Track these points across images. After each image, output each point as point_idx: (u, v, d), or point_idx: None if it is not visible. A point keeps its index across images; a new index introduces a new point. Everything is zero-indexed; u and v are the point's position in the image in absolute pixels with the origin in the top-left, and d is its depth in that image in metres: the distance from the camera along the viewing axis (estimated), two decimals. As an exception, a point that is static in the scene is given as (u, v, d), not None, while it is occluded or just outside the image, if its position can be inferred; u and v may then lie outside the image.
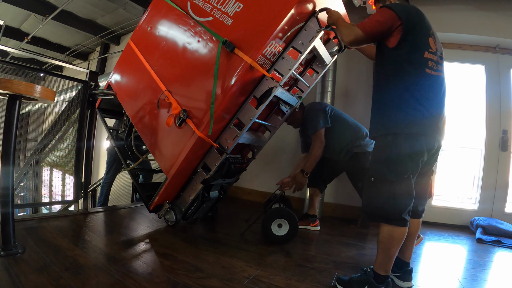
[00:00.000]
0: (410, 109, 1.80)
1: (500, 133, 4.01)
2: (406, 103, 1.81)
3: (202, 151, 2.57)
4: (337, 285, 1.93)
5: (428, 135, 1.82)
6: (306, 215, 3.33)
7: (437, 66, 1.87)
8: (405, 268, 2.01)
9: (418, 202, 1.96)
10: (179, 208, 2.78)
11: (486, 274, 2.41)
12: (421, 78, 1.82)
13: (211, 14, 2.45)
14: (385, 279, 1.83)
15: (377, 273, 1.84)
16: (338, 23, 2.09)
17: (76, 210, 3.10)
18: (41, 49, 8.62)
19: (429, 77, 1.83)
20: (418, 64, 1.82)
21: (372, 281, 1.83)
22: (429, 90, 1.84)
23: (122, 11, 6.63)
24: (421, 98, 1.81)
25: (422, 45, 1.84)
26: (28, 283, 1.58)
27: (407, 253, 2.03)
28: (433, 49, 1.87)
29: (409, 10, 1.88)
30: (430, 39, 1.87)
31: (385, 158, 1.86)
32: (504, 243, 3.17)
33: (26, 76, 7.88)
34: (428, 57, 1.83)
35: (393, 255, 1.82)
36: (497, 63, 4.11)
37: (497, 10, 3.90)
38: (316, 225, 3.29)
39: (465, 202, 4.19)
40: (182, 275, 1.89)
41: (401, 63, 1.83)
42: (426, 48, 1.84)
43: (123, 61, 3.16)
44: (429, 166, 1.99)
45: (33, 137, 6.49)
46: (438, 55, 1.90)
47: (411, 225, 1.91)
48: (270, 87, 2.33)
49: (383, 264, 1.83)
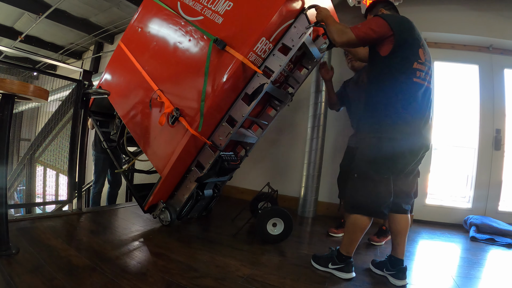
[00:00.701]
0: (396, 114, 1.96)
1: (494, 132, 4.04)
2: (393, 109, 1.97)
3: (196, 149, 2.57)
4: (311, 260, 2.26)
5: (411, 139, 1.97)
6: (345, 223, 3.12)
7: (425, 76, 2.00)
8: (399, 266, 2.06)
9: (401, 200, 2.13)
10: (174, 208, 2.77)
11: (480, 272, 2.43)
12: (409, 86, 1.96)
13: (201, 13, 2.48)
14: (346, 258, 2.10)
15: (340, 252, 2.12)
16: (328, 21, 2.13)
17: (70, 210, 3.08)
18: (35, 48, 8.55)
19: (417, 85, 1.97)
20: (407, 73, 1.96)
21: (335, 258, 2.12)
22: (415, 98, 1.98)
23: (116, 9, 6.60)
24: (407, 105, 1.96)
25: (412, 57, 1.97)
26: (21, 283, 1.56)
27: (399, 250, 2.11)
28: (422, 59, 2.00)
29: (402, 22, 2.01)
30: (420, 50, 2.00)
31: (369, 158, 2.03)
32: (498, 241, 3.20)
33: (20, 75, 7.84)
34: (417, 67, 1.96)
35: (356, 239, 2.08)
36: (490, 63, 4.14)
37: (491, 10, 3.92)
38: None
39: (459, 200, 4.21)
40: (177, 274, 1.89)
41: (392, 71, 1.98)
42: (416, 59, 1.97)
43: (114, 62, 3.17)
44: (414, 166, 2.13)
45: (27, 137, 6.44)
46: (427, 65, 2.03)
47: (400, 221, 2.12)
48: (261, 84, 2.35)
49: (346, 245, 2.11)
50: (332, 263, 2.12)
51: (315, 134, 3.96)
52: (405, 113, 1.95)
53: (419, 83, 1.97)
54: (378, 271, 2.19)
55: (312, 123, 3.99)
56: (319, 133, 3.96)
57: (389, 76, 1.99)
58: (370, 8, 2.41)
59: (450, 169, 4.27)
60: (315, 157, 3.94)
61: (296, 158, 4.42)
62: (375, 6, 2.37)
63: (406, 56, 1.96)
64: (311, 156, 3.96)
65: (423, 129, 2.00)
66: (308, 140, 4.01)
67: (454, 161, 4.25)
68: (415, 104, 1.98)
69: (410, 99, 1.97)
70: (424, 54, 2.03)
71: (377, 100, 2.06)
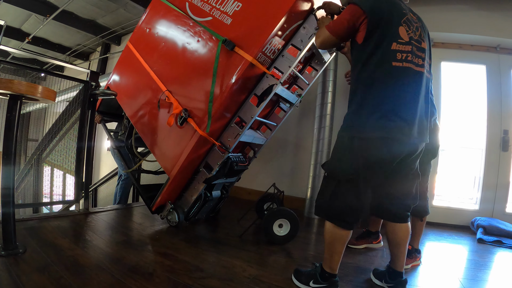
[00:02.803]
0: (371, 110, 1.69)
1: (501, 133, 4.01)
2: (368, 104, 1.70)
3: (204, 150, 2.57)
4: (292, 276, 1.96)
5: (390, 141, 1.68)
6: (368, 232, 2.82)
7: (412, 56, 1.70)
8: (398, 279, 1.89)
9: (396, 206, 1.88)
10: (182, 209, 2.78)
11: (487, 274, 2.40)
12: (388, 73, 1.68)
13: (210, 14, 2.48)
14: (330, 277, 1.82)
15: (323, 269, 1.84)
16: (319, 24, 2.04)
17: (77, 210, 3.11)
18: (42, 49, 8.62)
19: (398, 71, 1.68)
20: (383, 57, 1.68)
21: (318, 276, 1.84)
22: (397, 87, 1.68)
23: (123, 11, 6.64)
24: (386, 97, 1.68)
25: (389, 36, 1.68)
26: (29, 282, 1.58)
27: (398, 263, 1.90)
28: (405, 39, 1.70)
29: (375, 0, 1.73)
30: (401, 28, 1.70)
31: (339, 157, 1.81)
32: (505, 243, 3.17)
33: (27, 76, 7.89)
34: (396, 48, 1.67)
35: (336, 252, 1.80)
36: (498, 63, 4.11)
37: (498, 10, 3.89)
38: (378, 242, 2.81)
39: (466, 202, 4.18)
40: (183, 275, 1.89)
41: (366, 59, 1.71)
42: (394, 39, 1.68)
43: (122, 63, 3.18)
44: (407, 170, 1.84)
45: (34, 137, 6.50)
46: (415, 45, 1.74)
47: (397, 231, 1.87)
48: (270, 85, 2.35)
49: (327, 260, 1.83)
50: (314, 281, 1.84)
51: (322, 135, 3.95)
52: (383, 108, 1.66)
53: (401, 67, 1.67)
54: (377, 282, 2.01)
55: (319, 124, 3.98)
56: (326, 134, 3.95)
57: (365, 65, 1.71)
58: None
59: (457, 171, 4.24)
60: (322, 158, 3.93)
61: (303, 159, 4.41)
62: None
63: (382, 36, 1.67)
64: (317, 157, 3.95)
65: (413, 127, 1.69)
66: (315, 141, 4.00)
67: (462, 163, 4.22)
68: (398, 96, 1.68)
69: (389, 90, 1.67)
70: (409, 32, 1.72)
71: (354, 94, 1.78)
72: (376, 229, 2.80)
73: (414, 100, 1.71)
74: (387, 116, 1.66)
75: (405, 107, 1.68)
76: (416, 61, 1.72)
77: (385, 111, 1.66)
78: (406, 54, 1.69)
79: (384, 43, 1.67)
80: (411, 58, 1.70)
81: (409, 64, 1.69)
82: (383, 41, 1.67)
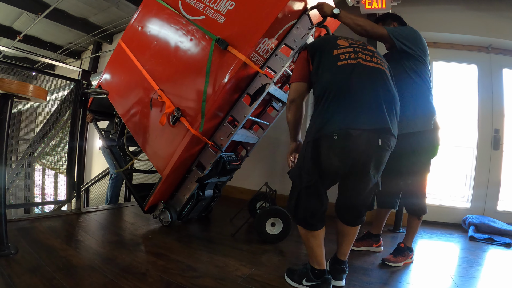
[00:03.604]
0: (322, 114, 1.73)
1: (492, 132, 4.05)
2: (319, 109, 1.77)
3: (197, 149, 2.57)
4: (285, 275, 1.97)
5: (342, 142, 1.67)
6: (369, 234, 2.74)
7: (356, 54, 1.79)
8: (336, 266, 1.96)
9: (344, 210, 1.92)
10: (174, 208, 2.77)
11: (479, 271, 2.43)
12: (336, 75, 1.75)
13: (203, 12, 2.47)
14: (321, 273, 1.83)
15: (311, 266, 1.86)
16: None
17: (69, 210, 3.08)
18: (33, 48, 8.54)
19: (345, 68, 1.74)
20: (329, 62, 1.81)
21: (310, 274, 1.85)
22: (347, 85, 1.71)
23: (115, 9, 6.59)
24: (335, 99, 1.71)
25: (329, 48, 1.86)
26: (21, 283, 1.56)
27: (340, 249, 1.97)
28: (345, 44, 1.86)
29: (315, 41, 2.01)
30: (339, 41, 1.90)
31: (298, 164, 1.88)
32: (496, 241, 3.20)
33: (18, 75, 7.82)
34: (338, 52, 1.81)
35: (315, 247, 1.84)
36: (489, 63, 4.14)
37: (490, 10, 3.93)
38: (379, 246, 2.72)
39: (458, 200, 4.21)
40: (176, 274, 1.89)
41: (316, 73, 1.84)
42: (334, 47, 1.85)
43: (114, 61, 3.16)
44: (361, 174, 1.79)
45: (25, 137, 6.43)
46: (356, 44, 1.87)
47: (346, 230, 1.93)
48: (263, 84, 2.35)
49: (311, 256, 1.87)
50: (306, 279, 1.86)
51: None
52: (332, 109, 1.69)
53: (346, 64, 1.74)
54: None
55: (311, 123, 3.98)
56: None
57: (316, 81, 1.84)
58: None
59: (449, 169, 4.27)
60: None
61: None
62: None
63: (322, 53, 1.85)
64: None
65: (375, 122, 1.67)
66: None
67: (453, 161, 4.25)
68: (349, 93, 1.70)
69: (339, 90, 1.70)
70: (347, 40, 1.90)
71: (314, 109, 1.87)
72: (378, 232, 2.72)
73: (370, 95, 1.71)
74: (340, 114, 1.68)
75: (362, 102, 1.69)
76: (363, 57, 1.79)
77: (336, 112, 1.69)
78: (349, 54, 1.79)
79: (326, 54, 1.84)
80: (355, 56, 1.79)
81: (356, 60, 1.77)
82: (325, 53, 1.85)
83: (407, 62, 2.32)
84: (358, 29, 2.25)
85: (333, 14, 2.25)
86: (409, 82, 2.31)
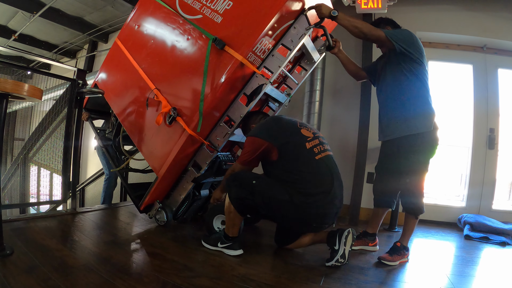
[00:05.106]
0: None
1: (487, 131, 4.08)
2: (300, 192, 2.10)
3: (193, 149, 2.56)
4: (202, 241, 2.38)
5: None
6: (365, 233, 2.71)
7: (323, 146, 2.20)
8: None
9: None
10: (170, 208, 2.76)
11: (474, 270, 2.44)
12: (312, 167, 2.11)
13: (200, 12, 2.45)
14: (233, 238, 2.26)
15: (226, 233, 2.27)
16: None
17: (64, 210, 3.07)
18: (29, 47, 8.50)
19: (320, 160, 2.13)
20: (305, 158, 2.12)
21: (223, 238, 2.28)
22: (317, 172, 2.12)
23: (111, 8, 6.58)
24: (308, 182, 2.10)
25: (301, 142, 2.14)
26: (16, 284, 1.55)
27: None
28: (310, 135, 2.19)
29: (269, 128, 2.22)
30: (302, 130, 2.20)
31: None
32: (492, 239, 3.22)
33: (13, 74, 7.75)
34: (310, 146, 2.14)
35: (237, 224, 2.24)
36: (484, 63, 4.17)
37: (485, 11, 3.95)
38: (374, 245, 2.69)
39: (453, 199, 4.24)
40: (172, 274, 1.88)
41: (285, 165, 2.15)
42: (304, 140, 2.15)
43: (110, 60, 3.14)
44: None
45: (20, 136, 6.39)
46: (317, 135, 2.24)
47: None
48: (260, 84, 2.34)
49: (230, 228, 2.25)
50: (220, 242, 2.28)
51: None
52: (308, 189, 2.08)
53: (321, 158, 2.13)
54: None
55: (306, 122, 3.98)
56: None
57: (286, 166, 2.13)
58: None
59: (444, 168, 4.29)
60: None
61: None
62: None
63: (295, 147, 2.13)
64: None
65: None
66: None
67: (448, 160, 4.27)
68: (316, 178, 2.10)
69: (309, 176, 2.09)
70: (308, 130, 2.22)
71: None
72: (374, 231, 2.70)
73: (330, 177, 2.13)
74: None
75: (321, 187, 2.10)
76: (326, 148, 2.23)
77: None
78: (319, 146, 2.17)
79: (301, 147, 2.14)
80: (324, 147, 2.21)
81: (326, 152, 2.19)
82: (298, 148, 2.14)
83: (405, 64, 2.35)
84: (356, 31, 2.28)
85: (331, 16, 2.29)
86: (408, 84, 2.35)
